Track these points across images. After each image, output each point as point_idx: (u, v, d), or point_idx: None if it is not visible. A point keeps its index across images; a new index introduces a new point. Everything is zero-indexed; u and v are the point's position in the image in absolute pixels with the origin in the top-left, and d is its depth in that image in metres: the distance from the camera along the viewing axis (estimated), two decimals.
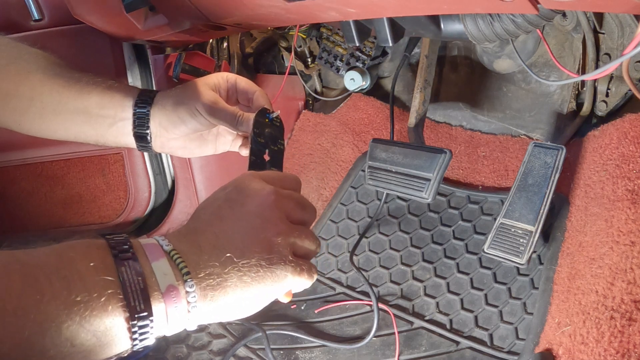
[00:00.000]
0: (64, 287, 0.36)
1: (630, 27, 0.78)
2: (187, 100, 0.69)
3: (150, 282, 0.41)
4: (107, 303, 0.38)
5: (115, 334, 0.39)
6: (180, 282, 0.43)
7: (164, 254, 0.44)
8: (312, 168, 1.10)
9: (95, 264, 0.39)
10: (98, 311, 0.37)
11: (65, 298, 0.36)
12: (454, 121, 1.06)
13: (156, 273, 0.42)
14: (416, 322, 0.80)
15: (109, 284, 0.39)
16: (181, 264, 0.44)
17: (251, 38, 1.16)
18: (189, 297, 0.43)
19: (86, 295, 0.37)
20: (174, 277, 0.43)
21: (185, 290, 0.43)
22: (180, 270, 0.43)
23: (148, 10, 0.78)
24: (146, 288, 0.40)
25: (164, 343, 0.85)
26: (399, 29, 0.70)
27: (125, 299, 0.39)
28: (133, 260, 0.41)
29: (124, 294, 0.39)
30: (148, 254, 0.43)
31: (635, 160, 0.69)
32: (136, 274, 0.40)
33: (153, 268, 0.42)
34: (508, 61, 0.94)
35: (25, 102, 0.67)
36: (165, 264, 0.43)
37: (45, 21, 0.97)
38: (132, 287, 0.39)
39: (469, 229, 0.86)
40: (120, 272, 0.40)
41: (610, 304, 0.58)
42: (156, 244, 0.45)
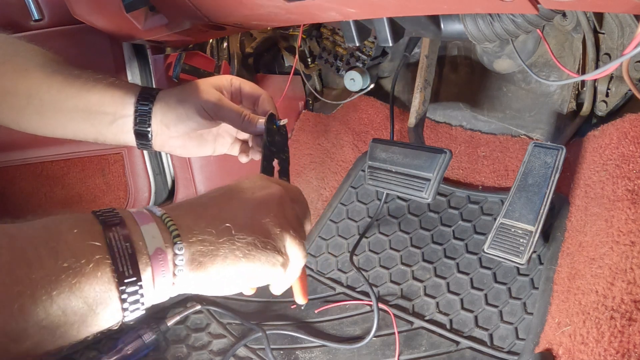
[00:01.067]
0: (51, 256, 0.36)
1: (630, 27, 0.78)
2: (192, 98, 0.68)
3: (138, 245, 0.41)
4: (96, 269, 0.38)
5: (106, 300, 0.39)
6: (169, 245, 0.42)
7: (153, 218, 0.43)
8: (312, 168, 1.10)
9: (82, 231, 0.39)
10: (87, 277, 0.37)
11: (53, 266, 0.36)
12: (454, 121, 1.06)
13: (145, 236, 0.42)
14: (416, 322, 0.80)
15: (97, 249, 0.38)
16: (172, 226, 0.43)
17: (251, 38, 1.16)
18: (176, 260, 0.43)
19: (74, 262, 0.37)
20: (163, 240, 0.42)
21: (174, 253, 0.43)
22: (170, 232, 0.43)
23: (148, 10, 0.78)
24: (134, 252, 0.40)
25: (164, 343, 0.85)
26: (399, 29, 0.70)
27: (114, 264, 0.39)
28: (120, 226, 0.41)
29: (111, 258, 0.39)
30: (137, 219, 0.43)
31: (635, 160, 0.69)
32: (124, 238, 0.40)
33: (142, 231, 0.42)
34: (508, 61, 0.94)
35: (24, 100, 0.67)
36: (154, 227, 0.42)
37: (45, 21, 0.97)
38: (120, 251, 0.39)
39: (469, 229, 0.86)
40: (108, 237, 0.39)
41: (610, 304, 0.58)
42: (146, 212, 0.45)
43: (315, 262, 0.96)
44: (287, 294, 0.93)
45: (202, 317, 0.90)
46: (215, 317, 0.89)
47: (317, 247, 0.98)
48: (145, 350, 0.82)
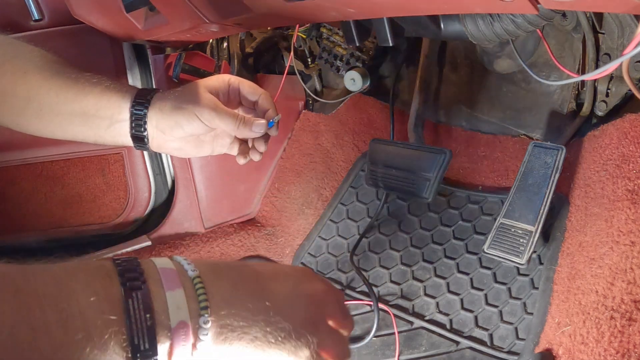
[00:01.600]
0: (60, 325, 0.33)
1: (630, 27, 0.78)
2: (186, 105, 0.68)
3: (160, 318, 0.37)
4: (109, 341, 0.35)
5: None
6: (195, 318, 0.39)
7: (181, 282, 0.39)
8: (312, 168, 1.10)
9: (98, 299, 0.35)
10: (98, 349, 0.34)
11: (62, 337, 0.33)
12: (454, 121, 1.06)
13: (169, 307, 0.37)
14: (416, 322, 0.80)
15: (112, 322, 0.35)
16: (202, 296, 0.39)
17: (251, 38, 1.16)
18: (200, 333, 0.39)
19: (85, 336, 0.34)
20: (189, 312, 0.38)
21: (199, 326, 0.39)
22: (199, 302, 0.39)
23: (148, 10, 0.78)
24: (153, 325, 0.36)
25: None
26: (399, 29, 0.70)
27: (129, 338, 0.35)
28: (143, 292, 0.37)
29: (128, 332, 0.35)
30: (163, 282, 0.38)
31: (635, 160, 0.69)
32: (144, 309, 0.36)
33: (167, 299, 0.38)
34: (508, 61, 0.94)
35: (23, 102, 0.67)
36: (181, 295, 0.38)
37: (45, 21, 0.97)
38: (138, 324, 0.36)
39: (469, 229, 0.86)
40: (126, 307, 0.36)
41: (610, 304, 0.58)
42: (174, 271, 0.40)
43: (315, 262, 0.96)
44: None
45: None
46: None
47: (317, 247, 0.98)
48: None
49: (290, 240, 1.03)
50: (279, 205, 1.10)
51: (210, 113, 0.67)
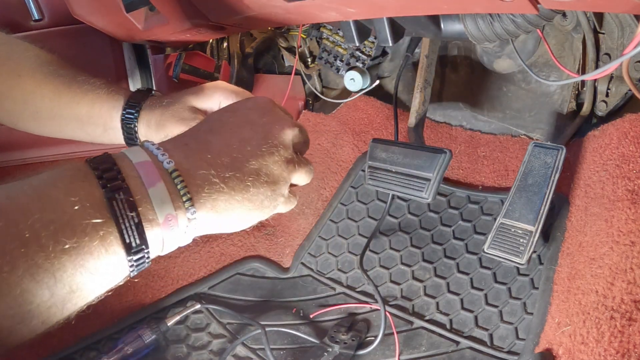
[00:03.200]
0: (50, 237, 0.33)
1: (630, 27, 0.78)
2: (169, 125, 0.66)
3: (147, 214, 0.37)
4: (101, 244, 0.35)
5: (113, 269, 0.37)
6: (180, 209, 0.39)
7: (160, 177, 0.39)
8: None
9: (82, 205, 0.35)
10: (92, 254, 0.35)
11: (54, 247, 0.33)
12: (454, 121, 1.06)
13: (153, 201, 0.38)
14: (416, 322, 0.80)
15: (101, 225, 0.35)
16: (183, 189, 0.40)
17: (251, 38, 1.16)
18: (188, 215, 0.40)
19: (76, 242, 0.34)
20: (172, 204, 0.39)
21: (187, 217, 0.40)
22: (181, 196, 0.40)
23: (148, 10, 0.78)
24: (141, 222, 0.37)
25: (164, 343, 0.85)
26: (399, 29, 0.70)
27: (121, 237, 0.36)
28: (124, 192, 0.36)
29: (118, 231, 0.36)
30: (143, 177, 0.38)
31: (635, 160, 0.69)
32: (129, 208, 0.36)
33: (150, 195, 0.38)
34: (508, 61, 0.94)
35: (19, 105, 0.67)
36: (162, 189, 0.38)
37: (45, 21, 0.97)
38: (126, 223, 0.36)
39: (469, 229, 0.86)
40: (112, 209, 0.36)
41: (610, 304, 0.58)
42: (150, 163, 0.40)
43: (315, 262, 0.96)
44: (287, 294, 0.94)
45: (202, 317, 0.90)
46: (215, 316, 0.89)
47: (317, 247, 0.98)
48: (145, 350, 0.82)
49: (290, 240, 1.03)
50: None
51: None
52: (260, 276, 0.98)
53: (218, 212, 0.42)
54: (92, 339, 0.86)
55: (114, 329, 0.87)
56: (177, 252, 0.99)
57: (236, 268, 0.99)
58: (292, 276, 0.97)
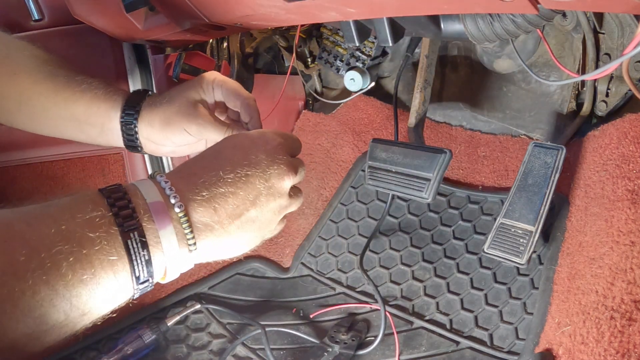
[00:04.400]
0: (69, 267, 0.37)
1: (630, 27, 0.78)
2: (174, 121, 0.67)
3: (155, 252, 0.43)
4: (114, 276, 0.40)
5: (120, 296, 0.43)
6: (184, 247, 0.45)
7: (170, 220, 0.44)
8: (312, 168, 1.10)
9: (100, 242, 0.40)
10: (105, 284, 0.40)
11: (72, 277, 0.37)
12: (454, 121, 1.06)
13: (162, 243, 0.43)
14: (416, 322, 0.80)
15: (116, 261, 0.40)
16: (189, 234, 0.46)
17: (251, 38, 1.16)
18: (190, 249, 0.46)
19: (93, 273, 0.39)
20: (178, 244, 0.45)
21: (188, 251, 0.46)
22: (186, 238, 0.46)
23: (148, 10, 0.78)
24: (151, 259, 0.42)
25: (164, 343, 0.85)
26: (399, 29, 0.70)
27: (131, 270, 0.41)
28: (139, 232, 0.42)
29: (130, 266, 0.41)
30: (155, 219, 0.43)
31: (635, 160, 0.69)
32: (142, 247, 0.41)
33: (160, 236, 0.43)
34: (508, 61, 0.94)
35: (15, 104, 0.67)
36: (172, 232, 0.44)
37: (45, 21, 0.97)
38: (138, 260, 0.42)
39: (469, 229, 0.86)
40: (127, 248, 0.41)
41: (610, 304, 0.58)
42: (163, 205, 0.44)
43: (315, 262, 0.96)
44: (287, 294, 0.94)
45: (202, 317, 0.90)
46: (215, 316, 0.89)
47: (317, 247, 0.98)
48: (145, 350, 0.82)
49: (290, 240, 1.03)
50: None
51: (197, 127, 0.67)
52: (260, 276, 0.98)
53: (214, 248, 0.49)
54: (92, 339, 0.86)
55: (114, 329, 0.87)
56: None
57: (236, 268, 0.99)
58: (292, 276, 0.97)
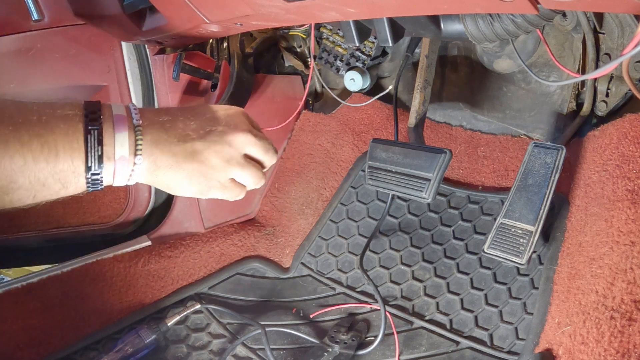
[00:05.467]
0: (40, 145, 0.47)
1: (630, 27, 0.78)
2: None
3: (108, 149, 0.51)
4: (71, 161, 0.49)
5: (75, 182, 0.51)
6: (132, 155, 0.52)
7: (127, 127, 0.52)
8: (312, 168, 1.10)
9: (67, 133, 0.49)
10: (63, 165, 0.49)
11: (39, 154, 0.47)
12: (454, 121, 1.06)
13: (116, 143, 0.51)
14: (416, 322, 0.80)
15: (75, 149, 0.49)
16: (140, 142, 0.53)
17: (251, 38, 1.16)
18: (135, 164, 0.53)
19: (55, 155, 0.48)
20: (129, 150, 0.52)
21: (134, 162, 0.53)
22: (136, 145, 0.52)
23: (148, 10, 0.78)
24: (102, 155, 0.50)
25: (164, 343, 0.85)
26: (399, 29, 0.70)
27: (85, 161, 0.50)
28: (98, 130, 0.50)
29: (85, 157, 0.50)
30: (115, 126, 0.52)
31: (635, 160, 0.69)
32: (97, 143, 0.50)
33: (115, 138, 0.51)
34: (508, 61, 0.94)
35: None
36: (125, 137, 0.52)
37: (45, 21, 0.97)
38: (92, 152, 0.50)
39: (469, 229, 0.86)
40: (85, 140, 0.50)
41: (610, 304, 0.58)
42: (124, 117, 0.53)
43: (315, 262, 0.96)
44: (287, 294, 0.94)
45: (202, 317, 0.90)
46: (215, 316, 0.89)
47: (317, 247, 0.98)
48: (145, 350, 0.82)
49: (290, 240, 1.03)
50: (279, 205, 1.10)
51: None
52: (260, 276, 0.98)
53: (157, 167, 0.54)
54: (92, 339, 0.86)
55: (114, 329, 0.87)
56: (177, 252, 0.99)
57: (236, 268, 0.99)
58: (292, 276, 0.97)
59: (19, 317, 0.84)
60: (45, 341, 0.83)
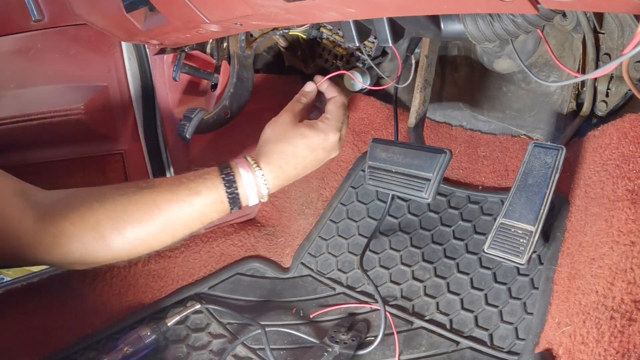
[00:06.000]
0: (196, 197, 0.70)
1: (630, 27, 0.78)
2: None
3: (243, 200, 0.73)
4: (220, 207, 0.71)
5: (221, 207, 0.71)
6: (260, 196, 0.73)
7: (254, 176, 0.73)
8: None
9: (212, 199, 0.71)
10: (215, 215, 0.71)
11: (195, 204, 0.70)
12: (454, 121, 1.06)
13: (246, 189, 0.72)
14: (416, 322, 0.80)
15: (221, 200, 0.71)
16: (264, 186, 0.73)
17: (251, 38, 1.16)
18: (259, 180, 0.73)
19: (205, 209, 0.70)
20: (256, 190, 0.73)
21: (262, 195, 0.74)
22: (260, 187, 0.73)
23: (148, 10, 0.78)
24: (238, 196, 0.72)
25: (164, 343, 0.85)
26: (399, 29, 0.70)
27: (229, 204, 0.72)
28: (233, 185, 0.71)
29: (228, 202, 0.71)
30: (243, 178, 0.72)
31: (635, 160, 0.69)
32: (235, 190, 0.71)
33: (245, 186, 0.72)
34: (508, 61, 0.94)
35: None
36: (252, 185, 0.73)
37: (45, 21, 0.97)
38: (231, 197, 0.71)
39: (469, 229, 0.86)
40: (227, 191, 0.71)
41: (610, 304, 0.58)
42: (245, 162, 0.73)
43: (315, 262, 0.96)
44: (287, 294, 0.94)
45: (202, 317, 0.90)
46: (215, 317, 0.89)
47: (317, 247, 0.98)
48: (145, 350, 0.82)
49: (290, 240, 1.03)
50: (279, 205, 1.10)
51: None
52: (260, 276, 0.98)
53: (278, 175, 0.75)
54: (92, 339, 0.86)
55: (114, 329, 0.87)
56: (177, 252, 0.99)
57: (236, 268, 0.99)
58: (292, 276, 0.97)
59: (19, 317, 0.84)
60: (45, 341, 0.83)
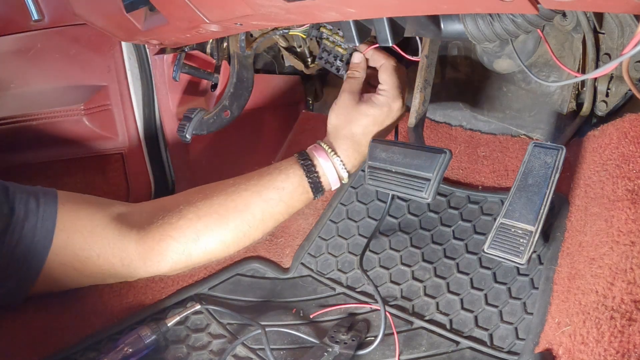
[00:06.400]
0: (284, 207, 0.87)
1: (630, 27, 0.78)
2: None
3: (325, 182, 0.88)
4: (305, 196, 0.88)
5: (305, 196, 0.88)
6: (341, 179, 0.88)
7: (332, 164, 0.87)
8: None
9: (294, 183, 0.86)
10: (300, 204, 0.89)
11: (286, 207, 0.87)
12: (454, 121, 1.06)
13: (327, 175, 0.87)
14: (416, 322, 0.80)
15: (305, 189, 0.87)
16: (343, 170, 0.88)
17: (251, 38, 1.16)
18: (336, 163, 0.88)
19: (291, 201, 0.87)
20: (337, 175, 0.88)
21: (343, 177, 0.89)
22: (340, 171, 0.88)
23: (148, 10, 0.78)
24: (321, 183, 0.87)
25: (164, 343, 0.85)
26: (399, 29, 0.70)
27: (312, 192, 0.87)
28: (315, 174, 0.86)
29: (311, 190, 0.87)
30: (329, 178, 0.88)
31: (635, 160, 0.69)
32: (317, 178, 0.86)
33: (325, 172, 0.87)
34: (508, 61, 0.94)
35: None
36: (332, 170, 0.87)
37: (45, 21, 0.97)
38: (313, 185, 0.86)
39: (469, 229, 0.86)
40: (309, 180, 0.86)
41: (610, 304, 0.58)
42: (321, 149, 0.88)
43: (315, 262, 0.96)
44: (287, 294, 0.94)
45: (202, 318, 0.90)
46: (215, 317, 0.89)
47: (317, 247, 0.98)
48: (145, 350, 0.82)
49: (290, 240, 1.03)
50: None
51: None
52: (260, 276, 0.98)
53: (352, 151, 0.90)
54: (92, 339, 0.86)
55: (114, 329, 0.87)
56: None
57: (236, 269, 0.99)
58: (292, 276, 0.97)
59: (19, 317, 0.84)
60: (45, 341, 0.83)
